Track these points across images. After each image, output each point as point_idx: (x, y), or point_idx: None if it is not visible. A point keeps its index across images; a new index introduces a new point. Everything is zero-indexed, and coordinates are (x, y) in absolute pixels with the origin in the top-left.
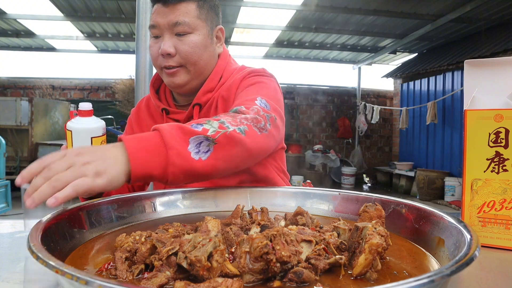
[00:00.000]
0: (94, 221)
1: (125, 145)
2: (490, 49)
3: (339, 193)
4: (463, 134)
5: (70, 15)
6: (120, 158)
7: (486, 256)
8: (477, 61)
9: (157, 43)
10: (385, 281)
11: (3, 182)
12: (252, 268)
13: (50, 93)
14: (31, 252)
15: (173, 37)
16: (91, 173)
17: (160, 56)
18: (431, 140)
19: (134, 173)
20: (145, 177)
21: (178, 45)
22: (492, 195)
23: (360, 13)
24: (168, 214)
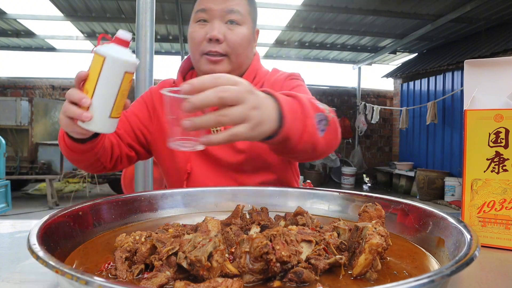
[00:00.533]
0: (94, 221)
1: (280, 102)
2: (490, 49)
3: (339, 193)
4: (463, 134)
5: (70, 15)
6: (274, 113)
7: (486, 256)
8: (477, 61)
9: (203, 28)
10: (385, 281)
11: (3, 182)
12: (252, 268)
13: (50, 93)
14: (31, 252)
15: (222, 24)
16: (254, 122)
17: (205, 41)
18: (431, 140)
19: (280, 133)
20: (284, 139)
21: (227, 33)
22: (492, 195)
23: (360, 13)
24: (168, 214)
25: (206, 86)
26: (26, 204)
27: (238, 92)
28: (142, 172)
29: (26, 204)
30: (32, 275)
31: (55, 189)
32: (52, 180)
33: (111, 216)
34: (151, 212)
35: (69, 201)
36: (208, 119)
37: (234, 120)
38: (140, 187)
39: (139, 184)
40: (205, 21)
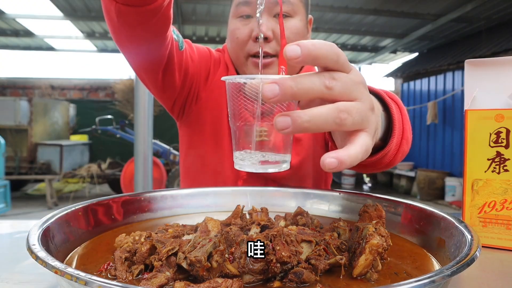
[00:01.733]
0: (93, 221)
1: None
2: (490, 49)
3: (339, 193)
4: (464, 134)
5: (70, 14)
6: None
7: (487, 257)
8: (478, 61)
9: (247, 24)
10: (386, 282)
11: (2, 182)
12: (252, 268)
13: (49, 93)
14: (30, 253)
15: (270, 18)
16: (373, 127)
17: (251, 41)
18: (432, 140)
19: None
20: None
21: (276, 29)
22: (493, 195)
23: (361, 13)
24: (168, 214)
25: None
26: (25, 204)
27: (352, 84)
28: (142, 172)
29: (26, 204)
30: (31, 275)
31: (54, 189)
32: (52, 180)
33: (110, 216)
34: (151, 212)
35: (69, 201)
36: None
37: (356, 123)
38: (139, 187)
39: (139, 184)
40: (248, 16)
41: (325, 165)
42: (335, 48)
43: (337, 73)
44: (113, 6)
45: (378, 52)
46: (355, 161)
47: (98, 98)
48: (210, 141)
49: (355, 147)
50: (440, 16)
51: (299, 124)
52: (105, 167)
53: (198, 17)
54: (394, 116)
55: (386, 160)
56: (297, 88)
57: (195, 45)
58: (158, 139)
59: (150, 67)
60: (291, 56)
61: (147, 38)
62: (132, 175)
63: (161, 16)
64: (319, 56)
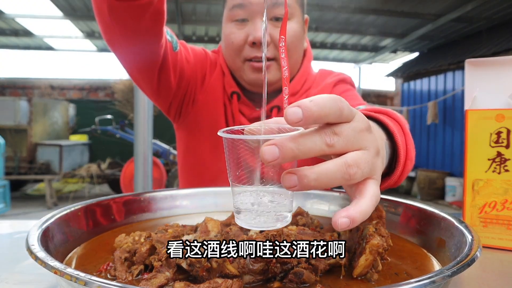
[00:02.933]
0: (93, 221)
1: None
2: (491, 49)
3: (340, 193)
4: (464, 134)
5: (69, 14)
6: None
7: (487, 257)
8: (478, 61)
9: (242, 29)
10: (386, 282)
11: (2, 182)
12: (252, 268)
13: (49, 93)
14: (30, 253)
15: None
16: (380, 172)
17: (248, 46)
18: (432, 140)
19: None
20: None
21: (274, 32)
22: (494, 195)
23: (361, 13)
24: (168, 215)
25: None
26: (25, 204)
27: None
28: (142, 172)
29: (25, 205)
30: (31, 275)
31: (54, 189)
32: (51, 180)
33: (110, 216)
34: (151, 213)
35: (68, 201)
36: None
37: (365, 174)
38: (139, 187)
39: (139, 184)
40: (243, 20)
41: (338, 226)
42: (338, 102)
43: (339, 126)
44: (105, 3)
45: (378, 52)
46: (366, 216)
47: (98, 98)
48: (208, 143)
49: (365, 201)
50: (440, 16)
51: (306, 183)
52: (105, 167)
53: (198, 17)
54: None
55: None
56: (298, 150)
57: (191, 47)
58: (158, 139)
59: (145, 67)
60: (292, 119)
61: (140, 35)
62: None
63: (153, 11)
64: (321, 116)
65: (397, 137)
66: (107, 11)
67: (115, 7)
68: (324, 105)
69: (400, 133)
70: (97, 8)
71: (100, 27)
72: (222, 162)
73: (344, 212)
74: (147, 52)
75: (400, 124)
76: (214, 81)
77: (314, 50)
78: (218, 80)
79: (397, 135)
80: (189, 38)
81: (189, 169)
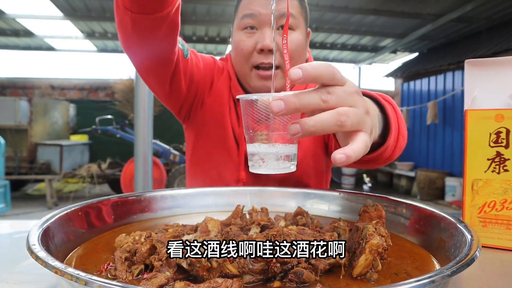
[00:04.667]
0: (93, 221)
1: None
2: (491, 49)
3: (339, 193)
4: (464, 134)
5: (70, 14)
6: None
7: (486, 257)
8: (478, 61)
9: (251, 37)
10: (386, 282)
11: (2, 182)
12: (252, 268)
13: (49, 93)
14: (30, 253)
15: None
16: (369, 127)
17: (256, 53)
18: (432, 140)
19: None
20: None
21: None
22: (493, 195)
23: (361, 13)
24: (168, 214)
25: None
26: (25, 204)
27: (346, 94)
28: (142, 172)
29: (25, 204)
30: (31, 275)
31: (54, 189)
32: (51, 180)
33: (110, 216)
34: (151, 212)
35: (69, 201)
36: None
37: (354, 124)
38: (139, 187)
39: (139, 184)
40: (253, 28)
41: (336, 160)
42: (331, 68)
43: (333, 87)
44: (128, 16)
45: (378, 52)
46: (359, 155)
47: (98, 98)
48: (214, 144)
49: (357, 143)
50: (440, 16)
51: (307, 129)
52: (105, 167)
53: (198, 17)
54: (390, 116)
55: (386, 154)
56: (299, 103)
57: (201, 55)
58: (158, 139)
59: (159, 72)
60: (294, 78)
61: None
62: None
63: (170, 22)
64: (318, 76)
65: (387, 108)
66: (130, 24)
67: (138, 20)
68: (319, 68)
69: (391, 109)
70: (120, 21)
71: (120, 37)
72: (226, 160)
73: (341, 150)
74: (161, 59)
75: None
76: (221, 86)
77: (314, 50)
78: (224, 85)
79: (388, 107)
80: (189, 38)
81: (196, 166)
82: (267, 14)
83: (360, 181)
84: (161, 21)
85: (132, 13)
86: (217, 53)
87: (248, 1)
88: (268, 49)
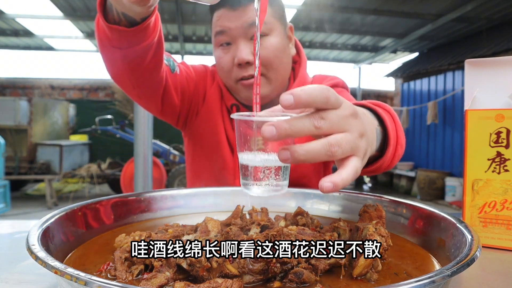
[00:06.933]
0: (93, 221)
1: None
2: (491, 49)
3: (339, 193)
4: (464, 134)
5: (70, 14)
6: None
7: (487, 257)
8: (478, 61)
9: (228, 53)
10: (386, 282)
11: (2, 182)
12: (252, 268)
13: (49, 93)
14: (30, 253)
15: (248, 42)
16: (362, 151)
17: (236, 67)
18: (432, 140)
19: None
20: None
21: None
22: (493, 195)
23: (361, 13)
24: (168, 215)
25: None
26: (25, 204)
27: (340, 119)
28: (142, 172)
29: (25, 205)
30: (31, 275)
31: (54, 189)
32: (51, 180)
33: (110, 216)
34: (151, 213)
35: (68, 201)
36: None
37: (345, 152)
38: (139, 187)
39: (139, 184)
40: (228, 44)
41: (323, 189)
42: (324, 91)
43: (326, 112)
44: (117, 53)
45: (378, 52)
46: (347, 183)
47: (98, 98)
48: (209, 154)
49: (346, 171)
50: (440, 16)
51: (296, 157)
52: (105, 167)
53: (198, 17)
54: (389, 128)
55: (385, 165)
56: (291, 130)
57: (192, 66)
58: (158, 139)
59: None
60: (285, 105)
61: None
62: (132, 175)
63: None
64: (310, 102)
65: (386, 121)
66: (120, 59)
67: (127, 54)
68: (311, 93)
69: (390, 120)
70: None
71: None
72: (221, 165)
73: (328, 178)
74: (151, 79)
75: (391, 114)
76: (212, 94)
77: (314, 50)
78: (216, 93)
79: (386, 119)
80: (189, 38)
81: (195, 171)
82: (237, 28)
83: (360, 181)
84: (150, 46)
85: (121, 50)
86: None
87: (217, 18)
88: (246, 62)
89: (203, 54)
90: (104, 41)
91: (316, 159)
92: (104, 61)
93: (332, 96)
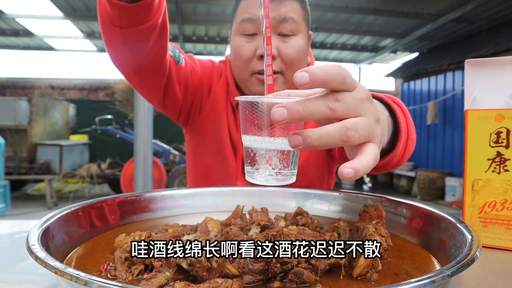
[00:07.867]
0: (93, 221)
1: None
2: (491, 49)
3: (339, 193)
4: (464, 134)
5: (70, 14)
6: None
7: (487, 257)
8: (478, 61)
9: (251, 42)
10: (386, 282)
11: (2, 182)
12: (252, 268)
13: (49, 93)
14: (30, 253)
15: (275, 36)
16: (379, 137)
17: (256, 59)
18: (432, 140)
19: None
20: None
21: (281, 47)
22: (493, 195)
23: (361, 13)
24: (168, 215)
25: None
26: (25, 204)
27: (356, 102)
28: (142, 172)
29: (25, 204)
30: (31, 275)
31: (54, 189)
32: (51, 180)
33: (110, 216)
34: (151, 212)
35: (68, 201)
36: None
37: (362, 137)
38: (139, 187)
39: (139, 184)
40: (252, 34)
41: (344, 175)
42: (341, 70)
43: (341, 93)
44: (117, 32)
45: (378, 52)
46: (368, 170)
47: (98, 98)
48: (213, 148)
49: (367, 157)
50: (440, 16)
51: (309, 143)
52: (105, 167)
53: (198, 17)
54: (400, 120)
55: (395, 161)
56: (304, 112)
57: (198, 59)
58: (158, 139)
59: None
60: (300, 82)
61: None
62: (132, 175)
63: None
64: (326, 81)
65: (398, 112)
66: (121, 40)
67: (128, 34)
68: (328, 71)
69: (401, 113)
70: (109, 38)
71: (111, 54)
72: (224, 164)
73: (349, 164)
74: (153, 67)
75: (401, 107)
76: (218, 91)
77: (314, 50)
78: (222, 90)
79: (398, 111)
80: (189, 38)
81: (196, 169)
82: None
83: (360, 181)
84: (152, 29)
85: (121, 29)
86: (217, 53)
87: (247, 4)
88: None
89: (203, 54)
90: (105, 19)
91: (330, 144)
92: (105, 45)
93: (348, 76)
